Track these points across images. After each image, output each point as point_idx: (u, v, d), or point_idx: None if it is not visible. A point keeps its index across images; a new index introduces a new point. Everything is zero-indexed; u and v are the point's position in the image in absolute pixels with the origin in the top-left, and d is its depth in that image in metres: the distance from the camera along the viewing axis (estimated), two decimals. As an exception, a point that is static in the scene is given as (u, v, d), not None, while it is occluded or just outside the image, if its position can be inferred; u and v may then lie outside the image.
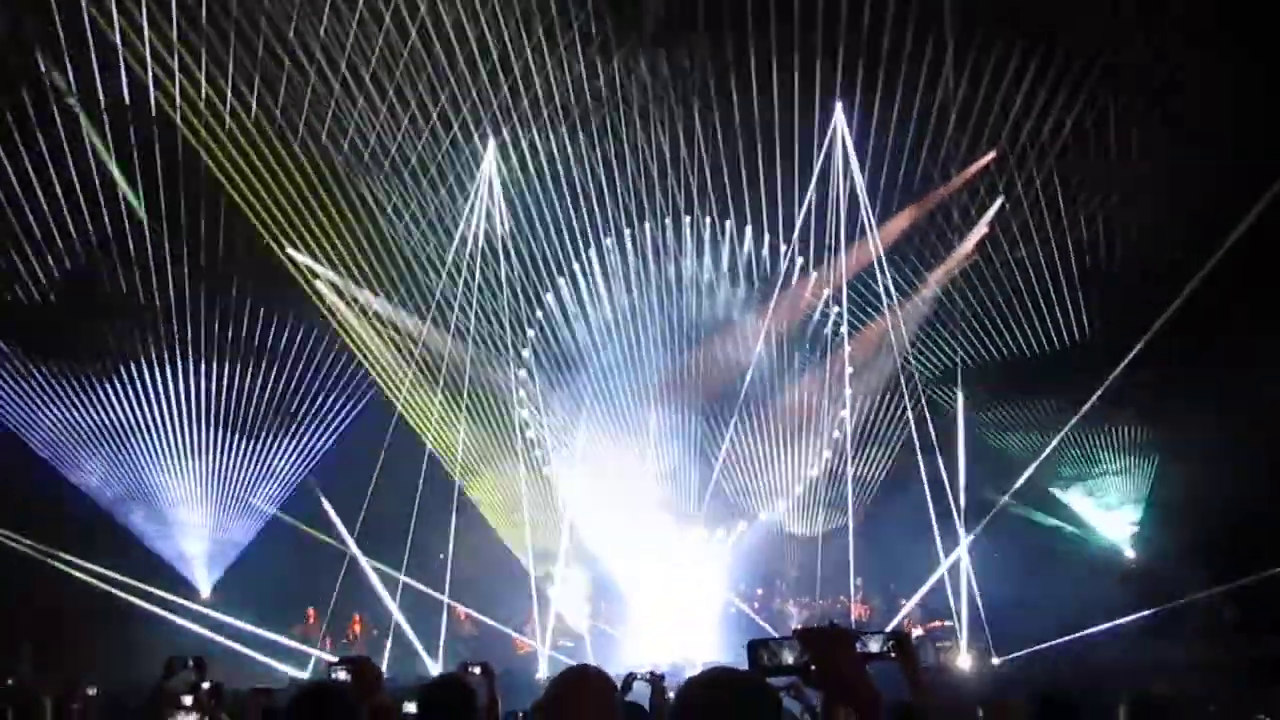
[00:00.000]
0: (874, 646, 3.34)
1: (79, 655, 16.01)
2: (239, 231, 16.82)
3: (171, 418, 18.34)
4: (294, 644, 19.19)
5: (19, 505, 16.89)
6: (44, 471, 17.88)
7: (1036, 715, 4.65)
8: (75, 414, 17.67)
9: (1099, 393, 19.01)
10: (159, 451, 18.49)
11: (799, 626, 2.82)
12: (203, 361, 18.15)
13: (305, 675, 18.52)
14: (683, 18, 15.97)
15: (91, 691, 6.12)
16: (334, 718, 3.10)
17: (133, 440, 18.29)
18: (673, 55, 16.54)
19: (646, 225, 20.62)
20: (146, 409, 18.17)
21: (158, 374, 17.98)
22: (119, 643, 16.68)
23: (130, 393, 18.01)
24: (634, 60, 16.62)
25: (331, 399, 19.53)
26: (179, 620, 18.36)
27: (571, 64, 16.36)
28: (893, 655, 3.42)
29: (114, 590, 17.84)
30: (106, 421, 17.97)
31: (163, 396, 18.19)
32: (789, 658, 2.65)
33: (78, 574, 17.54)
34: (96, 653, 16.31)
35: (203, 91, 15.02)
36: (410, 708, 3.92)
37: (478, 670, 5.23)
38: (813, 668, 2.54)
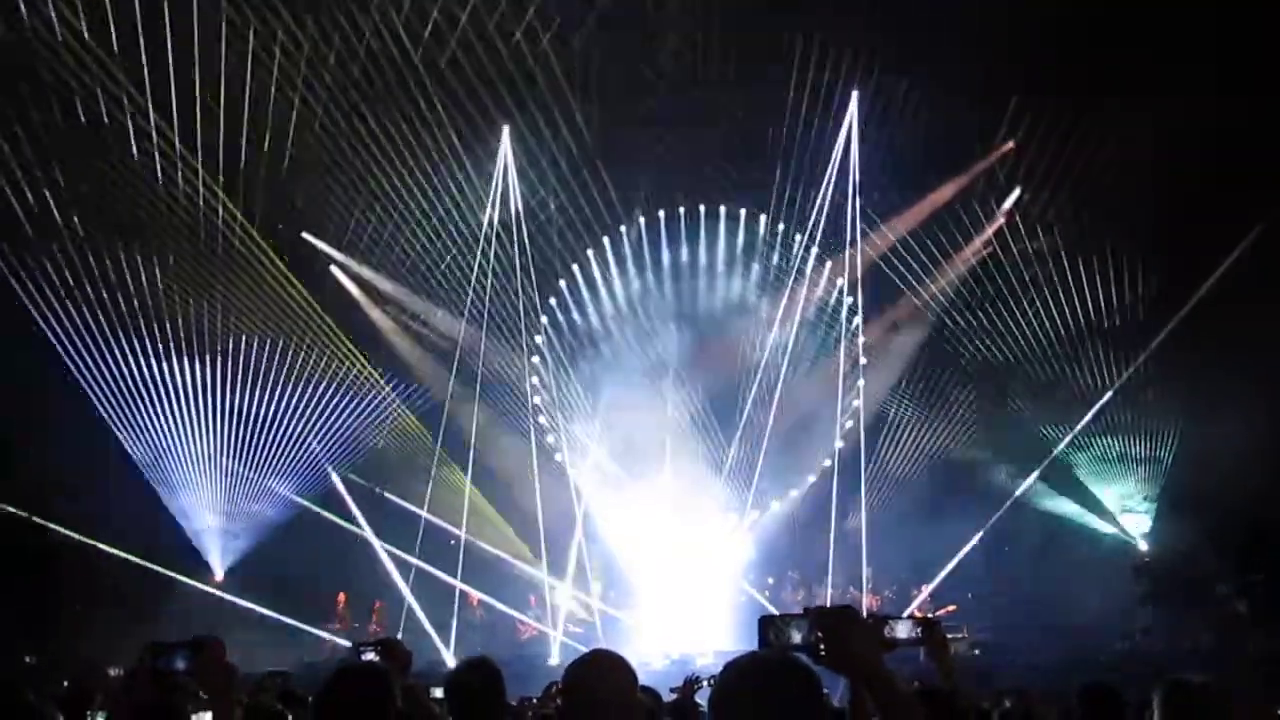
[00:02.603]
0: (901, 632, 3.33)
1: (106, 636, 15.99)
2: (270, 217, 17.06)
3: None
4: (307, 628, 19.30)
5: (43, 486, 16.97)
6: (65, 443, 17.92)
7: (1080, 706, 4.66)
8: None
9: (1116, 386, 19.01)
10: (177, 431, 18.52)
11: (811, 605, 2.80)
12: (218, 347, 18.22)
13: (319, 659, 18.61)
14: (704, 8, 15.89)
15: (114, 672, 6.16)
16: (372, 697, 3.10)
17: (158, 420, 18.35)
18: (693, 43, 16.46)
19: (661, 213, 20.61)
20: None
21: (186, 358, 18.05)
22: (146, 624, 16.77)
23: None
24: (655, 47, 16.55)
25: (346, 385, 19.55)
26: (197, 602, 18.48)
27: (591, 51, 16.33)
28: (922, 642, 3.41)
29: (133, 572, 17.96)
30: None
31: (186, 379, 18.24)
32: (796, 636, 2.63)
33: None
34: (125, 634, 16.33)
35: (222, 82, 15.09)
36: (437, 693, 3.90)
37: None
38: (822, 647, 2.51)
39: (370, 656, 3.79)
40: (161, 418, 18.32)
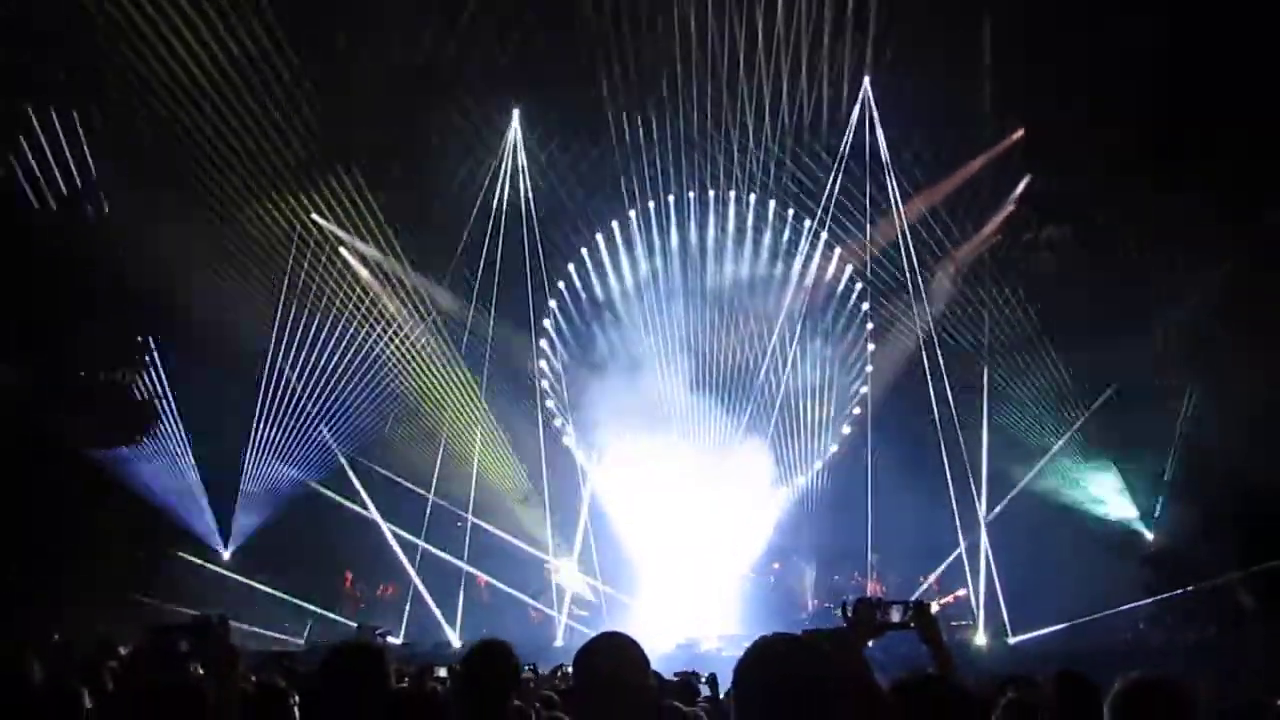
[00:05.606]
0: (894, 616, 3.31)
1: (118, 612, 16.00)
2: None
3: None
4: (315, 608, 19.39)
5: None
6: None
7: (1055, 692, 4.65)
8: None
9: (1116, 388, 18.97)
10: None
11: (808, 628, 2.84)
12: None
13: (326, 639, 18.69)
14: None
15: (125, 650, 6.20)
16: (368, 674, 3.13)
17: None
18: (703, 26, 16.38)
19: (671, 197, 20.54)
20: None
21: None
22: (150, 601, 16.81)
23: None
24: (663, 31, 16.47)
25: (356, 364, 19.54)
26: (203, 581, 18.54)
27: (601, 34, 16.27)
28: (912, 625, 3.39)
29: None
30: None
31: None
32: None
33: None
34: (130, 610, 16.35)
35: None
36: (441, 672, 3.93)
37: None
38: None
39: (391, 640, 3.83)
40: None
